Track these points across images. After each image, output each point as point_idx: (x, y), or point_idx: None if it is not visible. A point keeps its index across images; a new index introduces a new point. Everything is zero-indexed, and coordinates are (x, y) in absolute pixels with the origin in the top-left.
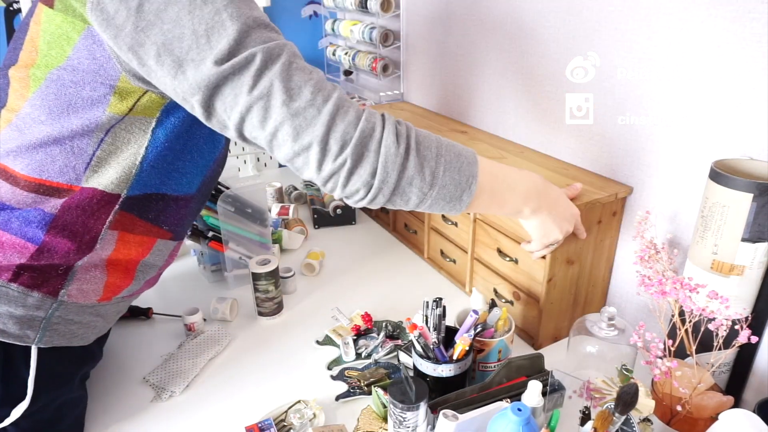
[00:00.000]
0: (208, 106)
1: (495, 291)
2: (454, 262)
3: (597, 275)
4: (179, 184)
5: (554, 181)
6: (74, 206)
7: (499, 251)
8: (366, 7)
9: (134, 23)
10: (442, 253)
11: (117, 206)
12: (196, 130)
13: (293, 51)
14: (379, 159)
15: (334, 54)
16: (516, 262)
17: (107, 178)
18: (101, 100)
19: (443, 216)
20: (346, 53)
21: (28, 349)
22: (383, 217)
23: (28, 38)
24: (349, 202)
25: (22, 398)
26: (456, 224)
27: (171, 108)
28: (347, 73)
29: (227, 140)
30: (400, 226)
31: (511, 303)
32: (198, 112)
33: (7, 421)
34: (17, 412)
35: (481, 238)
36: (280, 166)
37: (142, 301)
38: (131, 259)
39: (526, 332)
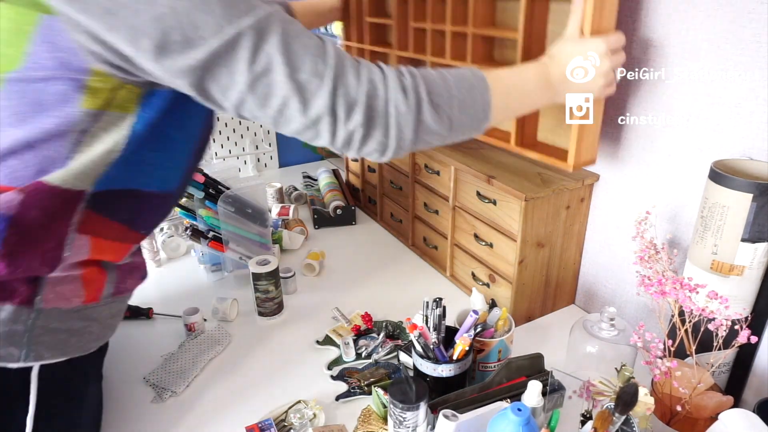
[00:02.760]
0: (200, 88)
1: (473, 274)
2: (436, 248)
3: (568, 258)
4: (152, 178)
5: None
6: (33, 204)
7: (476, 236)
8: None
9: (104, 6)
10: (425, 240)
11: (82, 203)
12: (170, 121)
13: (282, 17)
14: (389, 120)
15: None
16: (491, 246)
17: (70, 172)
18: (72, 96)
19: (425, 204)
20: None
21: (27, 381)
22: (371, 207)
23: None
24: (371, 159)
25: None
26: (437, 212)
27: (149, 99)
28: None
29: (206, 131)
30: (387, 216)
31: (488, 285)
32: (189, 93)
33: None
34: None
35: (460, 224)
36: (281, 166)
37: (142, 301)
38: (104, 260)
39: None
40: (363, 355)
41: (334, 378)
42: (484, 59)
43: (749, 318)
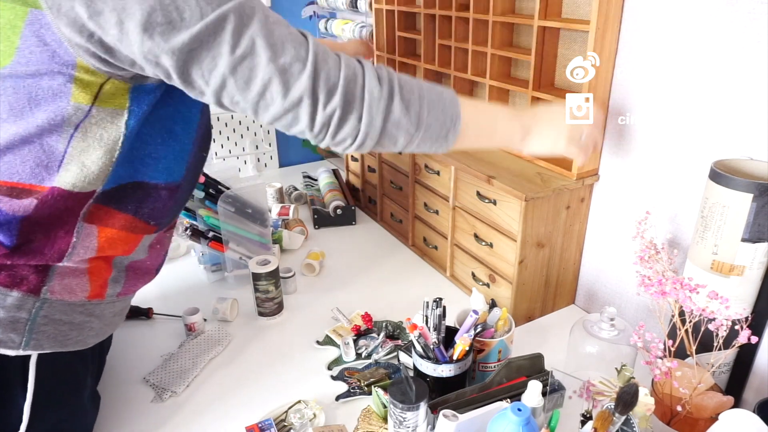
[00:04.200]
0: (183, 72)
1: (473, 274)
2: (436, 248)
3: (568, 258)
4: (156, 170)
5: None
6: (47, 206)
7: (476, 236)
8: (356, 7)
9: None
10: (425, 240)
11: (91, 200)
12: (165, 113)
13: (260, 4)
14: (364, 104)
15: None
16: (491, 246)
17: (80, 178)
18: (62, 90)
19: (425, 204)
20: None
21: (26, 369)
22: (371, 207)
23: None
24: (338, 149)
25: (17, 427)
26: (437, 212)
27: (138, 94)
28: None
29: (204, 119)
30: (387, 216)
31: (488, 285)
32: (173, 79)
33: None
34: None
35: (460, 224)
36: (281, 166)
37: (142, 302)
38: (115, 255)
39: None
40: (363, 355)
41: (334, 378)
42: (501, 76)
43: (749, 318)
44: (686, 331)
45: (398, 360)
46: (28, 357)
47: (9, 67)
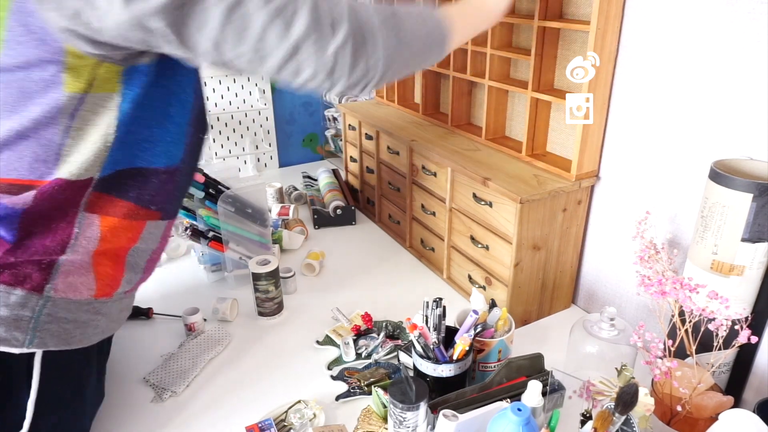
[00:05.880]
0: (177, 30)
1: (469, 277)
2: (433, 250)
3: (565, 261)
4: (153, 154)
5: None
6: (46, 197)
7: (472, 238)
8: None
9: None
10: (422, 242)
11: (90, 188)
12: (158, 95)
13: None
14: (375, 30)
15: None
16: (487, 248)
17: (76, 165)
18: (54, 80)
19: (422, 205)
20: None
21: (31, 368)
22: (370, 208)
23: None
24: (355, 91)
25: (19, 426)
26: (434, 214)
27: (130, 77)
28: None
29: (198, 101)
30: (385, 217)
31: (484, 288)
32: (168, 42)
33: None
34: None
35: (456, 226)
36: (281, 166)
37: (142, 301)
38: (121, 246)
39: None
40: (363, 355)
41: (334, 378)
42: (501, 76)
43: (749, 318)
44: (686, 331)
45: (398, 360)
46: (33, 355)
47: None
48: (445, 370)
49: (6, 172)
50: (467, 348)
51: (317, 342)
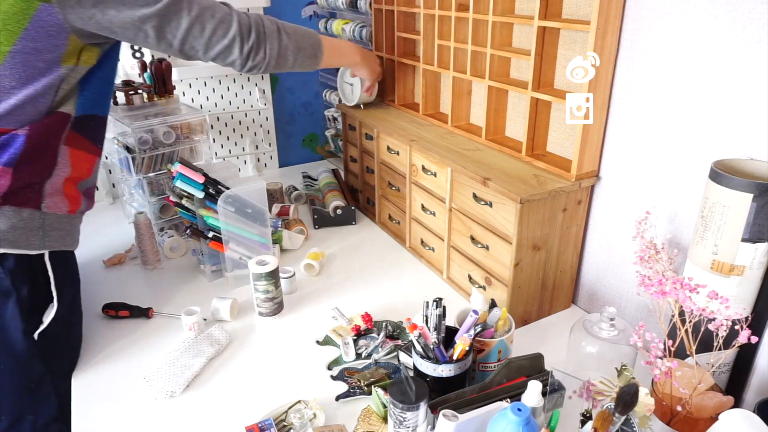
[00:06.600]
0: (160, 29)
1: (469, 277)
2: (433, 250)
3: (565, 261)
4: (104, 106)
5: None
6: (43, 129)
7: (472, 238)
8: (356, 7)
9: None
10: (422, 242)
11: (68, 125)
12: (112, 64)
13: None
14: (266, 37)
15: None
16: (487, 248)
17: (64, 106)
18: (57, 61)
19: (422, 206)
20: None
21: (44, 265)
22: (369, 208)
23: None
24: (253, 72)
25: (45, 307)
26: (434, 214)
27: (103, 54)
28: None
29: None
30: (385, 217)
31: (484, 288)
32: (152, 37)
33: (41, 327)
34: (48, 318)
35: (456, 226)
36: (281, 166)
37: (142, 301)
38: (80, 176)
39: None
40: (363, 355)
41: (334, 378)
42: (501, 76)
43: (749, 318)
44: (686, 331)
45: (398, 360)
46: (43, 256)
47: (19, 44)
48: (445, 370)
49: (13, 124)
50: (467, 348)
51: (317, 342)
